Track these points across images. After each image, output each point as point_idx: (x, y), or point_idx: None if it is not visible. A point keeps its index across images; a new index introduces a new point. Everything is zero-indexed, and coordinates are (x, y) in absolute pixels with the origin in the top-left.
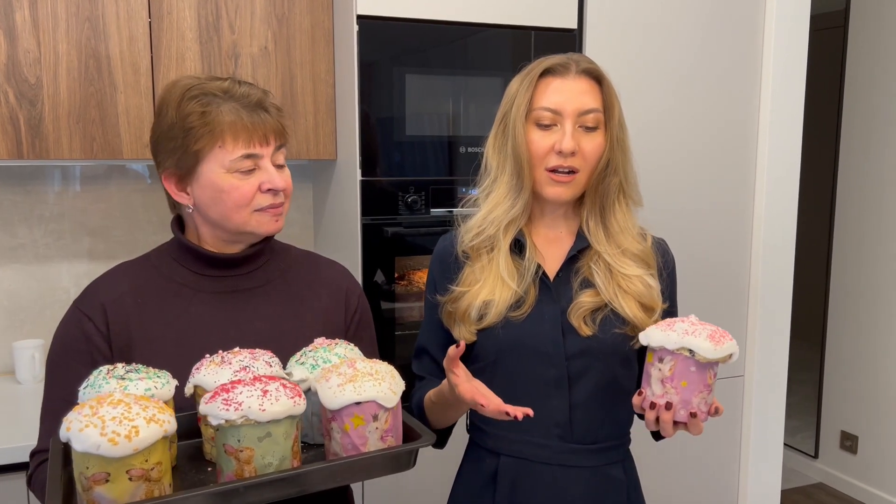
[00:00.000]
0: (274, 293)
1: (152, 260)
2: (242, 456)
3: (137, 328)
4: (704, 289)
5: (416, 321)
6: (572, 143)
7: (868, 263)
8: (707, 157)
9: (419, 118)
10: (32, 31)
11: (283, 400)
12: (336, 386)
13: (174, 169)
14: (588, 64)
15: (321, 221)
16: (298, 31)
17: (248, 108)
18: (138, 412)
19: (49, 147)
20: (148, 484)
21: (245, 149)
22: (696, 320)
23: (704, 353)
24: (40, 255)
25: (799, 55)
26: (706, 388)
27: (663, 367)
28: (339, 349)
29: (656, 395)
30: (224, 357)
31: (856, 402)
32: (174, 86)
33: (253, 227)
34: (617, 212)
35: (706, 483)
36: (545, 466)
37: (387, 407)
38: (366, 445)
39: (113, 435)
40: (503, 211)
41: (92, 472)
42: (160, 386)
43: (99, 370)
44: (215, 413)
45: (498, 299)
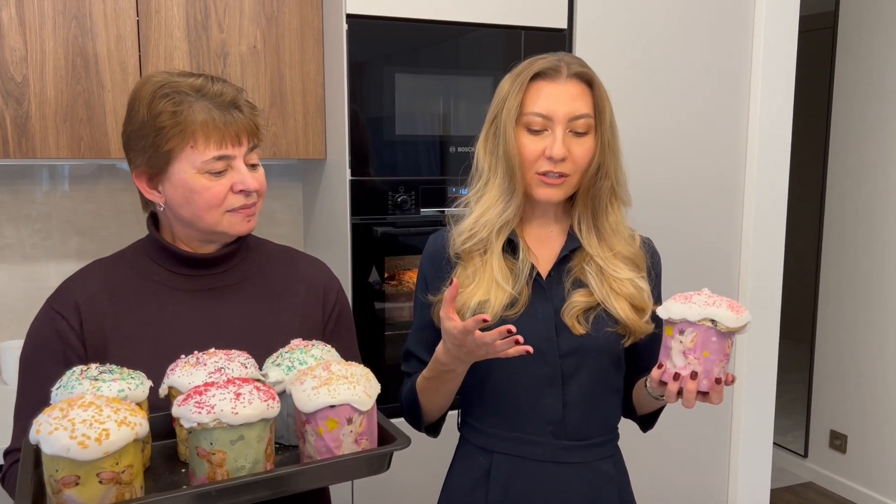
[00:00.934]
0: (251, 290)
1: (128, 257)
2: (215, 459)
3: (112, 327)
4: (694, 288)
5: (407, 321)
6: (562, 150)
7: (857, 263)
8: (696, 157)
9: (409, 118)
10: (19, 29)
11: (257, 403)
12: (310, 389)
13: (145, 167)
14: (579, 67)
15: (311, 221)
16: (288, 30)
17: (220, 107)
18: (109, 415)
19: (36, 146)
20: (119, 487)
21: (217, 150)
22: (708, 292)
23: (727, 322)
24: (27, 255)
25: (788, 56)
26: (725, 357)
27: (685, 339)
28: (316, 350)
29: (679, 367)
30: (199, 358)
31: (845, 401)
32: (146, 82)
33: (225, 227)
34: (609, 214)
35: (696, 481)
36: (539, 463)
37: (361, 410)
38: (340, 448)
39: (83, 438)
40: (496, 214)
41: (62, 475)
42: (134, 387)
43: (72, 371)
44: (188, 416)
45: (493, 301)
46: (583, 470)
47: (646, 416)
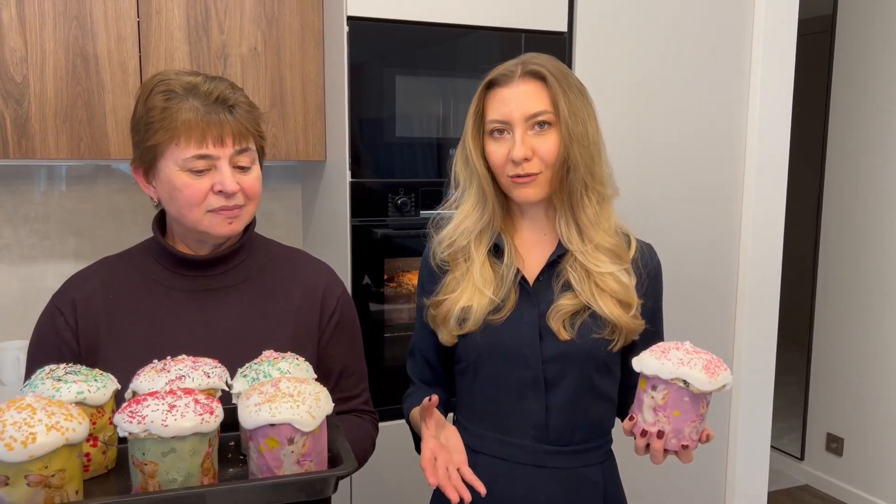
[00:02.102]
0: (248, 292)
1: (132, 256)
2: (147, 469)
3: (105, 324)
4: (692, 292)
5: (406, 323)
6: (523, 151)
7: (854, 267)
8: (695, 160)
9: (409, 120)
10: (19, 30)
11: (190, 416)
12: (253, 405)
13: (139, 161)
14: (533, 65)
15: (310, 222)
16: (288, 31)
17: (207, 106)
18: (41, 419)
19: (35, 146)
20: (48, 490)
21: (197, 149)
22: (692, 348)
23: (699, 384)
24: (25, 256)
25: (787, 59)
26: (699, 417)
27: (656, 396)
28: (284, 364)
29: (648, 423)
30: (166, 364)
31: (842, 404)
32: (151, 78)
33: (205, 227)
34: (586, 207)
35: (693, 485)
36: (520, 466)
37: (304, 431)
38: (280, 468)
39: (10, 440)
40: (472, 222)
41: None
42: (94, 390)
43: (42, 370)
44: (121, 424)
45: (476, 307)
46: (565, 475)
47: None
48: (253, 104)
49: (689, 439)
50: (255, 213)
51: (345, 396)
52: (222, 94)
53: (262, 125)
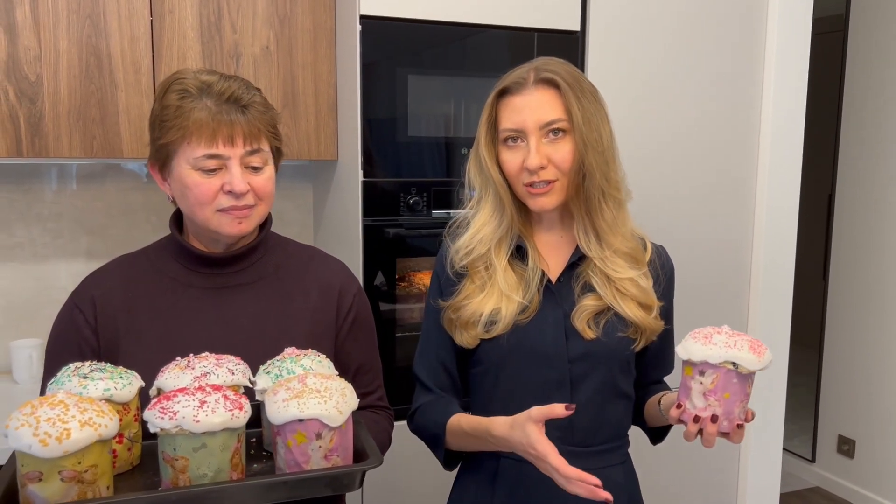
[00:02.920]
0: (264, 290)
1: (149, 254)
2: (178, 465)
3: (125, 321)
4: (705, 292)
5: (417, 323)
6: (538, 159)
7: (866, 268)
8: (708, 160)
9: (421, 119)
10: (33, 29)
11: (220, 412)
12: (281, 401)
13: (154, 158)
14: (546, 72)
15: (321, 222)
16: (300, 31)
17: (219, 105)
18: (74, 415)
19: (49, 145)
20: (81, 486)
21: (207, 148)
22: (731, 331)
23: (749, 364)
24: (38, 254)
25: (800, 59)
26: (746, 397)
27: (705, 381)
28: (306, 360)
29: (699, 409)
30: (189, 362)
31: (853, 406)
32: (169, 77)
33: (215, 226)
34: (604, 212)
35: (705, 486)
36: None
37: (331, 426)
38: (308, 463)
39: (44, 436)
40: (491, 230)
41: (26, 470)
42: (120, 387)
43: (67, 367)
44: (152, 421)
45: (505, 312)
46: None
47: (656, 429)
48: (268, 104)
49: (739, 419)
50: (266, 213)
51: (361, 393)
52: (235, 94)
53: (279, 125)
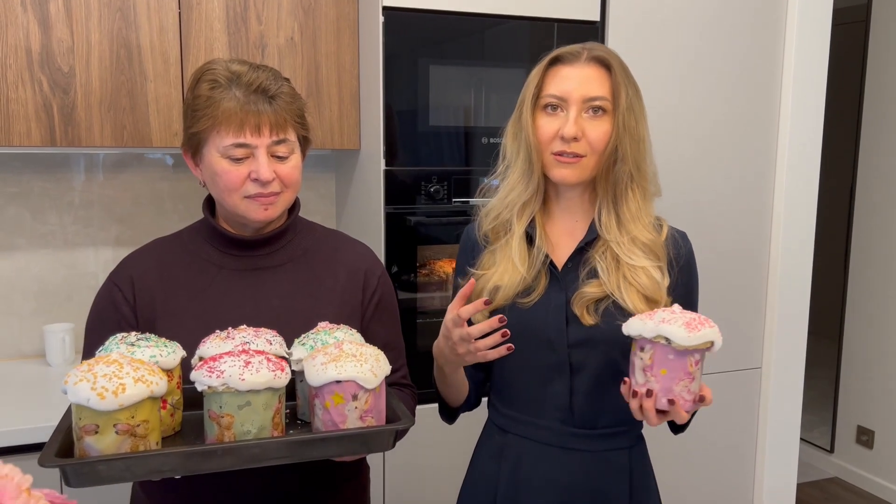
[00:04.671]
0: (293, 272)
1: (184, 237)
2: (223, 422)
3: (161, 300)
4: (724, 284)
5: (438, 310)
6: (574, 129)
7: (886, 260)
8: (727, 150)
9: (442, 109)
10: (66, 21)
11: (264, 372)
12: (320, 364)
13: (187, 145)
14: (600, 52)
15: (343, 210)
16: (324, 22)
17: (248, 96)
18: (129, 372)
19: (81, 135)
20: (134, 439)
21: (235, 137)
22: (679, 309)
23: (679, 340)
24: (69, 242)
25: (821, 49)
26: (687, 375)
27: (644, 356)
28: (339, 333)
29: (639, 384)
30: (230, 333)
31: (872, 397)
32: (201, 67)
33: (242, 211)
34: (630, 200)
35: (722, 475)
36: (547, 447)
37: (367, 388)
38: (345, 423)
39: (102, 390)
40: (517, 194)
41: (83, 423)
42: (165, 354)
43: (114, 336)
44: (200, 379)
45: (507, 282)
46: (592, 458)
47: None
48: (295, 94)
49: (678, 397)
50: (292, 200)
51: None
52: (263, 84)
53: (306, 114)
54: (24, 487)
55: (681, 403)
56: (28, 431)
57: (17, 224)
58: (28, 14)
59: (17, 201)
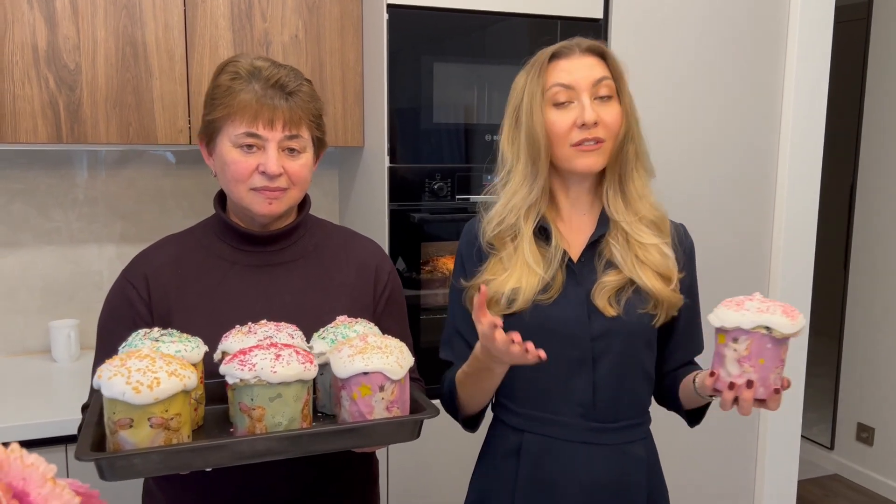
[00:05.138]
0: (305, 268)
1: (196, 233)
2: (255, 414)
3: (176, 297)
4: (726, 283)
5: (441, 306)
6: (594, 114)
7: (887, 259)
8: (729, 148)
9: (446, 106)
10: (72, 18)
11: (294, 364)
12: (346, 356)
13: (203, 134)
14: (590, 43)
15: (347, 207)
16: (328, 19)
17: (265, 90)
18: (161, 366)
19: (87, 131)
20: (167, 432)
21: (248, 127)
22: (762, 297)
23: (782, 328)
24: (74, 238)
25: (823, 47)
26: (781, 363)
27: (739, 347)
28: (359, 327)
29: (733, 376)
30: (251, 328)
31: (872, 394)
32: (226, 60)
33: (247, 203)
34: (635, 179)
35: (724, 471)
36: (568, 444)
37: (393, 379)
38: (372, 414)
39: (137, 384)
40: (521, 198)
41: (118, 417)
42: (189, 349)
43: (136, 332)
44: (231, 372)
45: (525, 286)
46: (612, 452)
47: (692, 411)
48: (315, 95)
49: (775, 385)
50: (299, 198)
51: None
52: (282, 81)
53: (323, 116)
54: (49, 476)
55: (781, 392)
56: (35, 426)
57: (22, 220)
58: (34, 11)
59: (23, 198)
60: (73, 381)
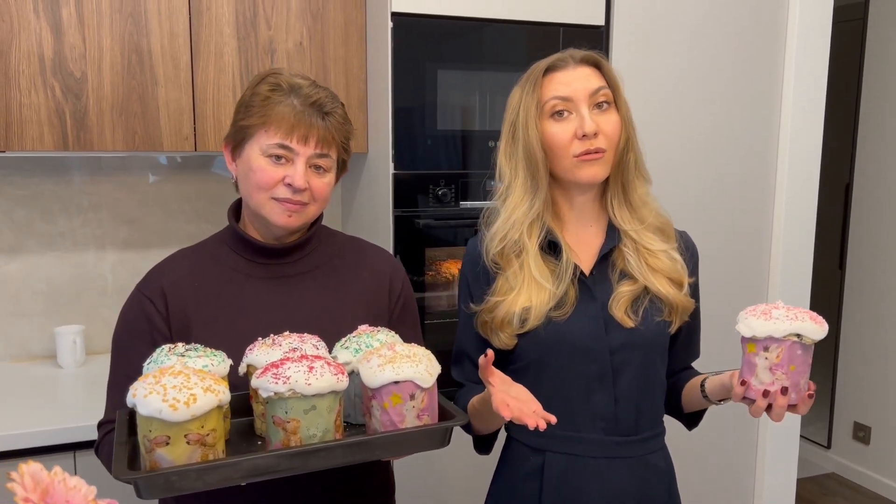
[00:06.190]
0: (320, 278)
1: (208, 247)
2: (289, 427)
3: (194, 311)
4: (724, 284)
5: (444, 310)
6: (593, 125)
7: (883, 258)
8: (729, 151)
9: (450, 113)
10: (78, 27)
11: (328, 376)
12: (377, 366)
13: (231, 138)
14: (584, 53)
15: (349, 213)
16: (332, 27)
17: (304, 107)
18: (196, 382)
19: (93, 139)
20: (203, 448)
21: (282, 139)
22: (783, 304)
23: (813, 335)
24: (79, 244)
25: (821, 50)
26: (809, 368)
27: (770, 355)
28: (381, 335)
29: (766, 384)
30: (275, 340)
31: (869, 393)
32: (267, 70)
33: (266, 212)
34: (637, 187)
35: (723, 472)
36: (592, 460)
37: (423, 387)
38: (403, 422)
39: (173, 401)
40: (522, 213)
41: (154, 435)
42: (216, 364)
43: (161, 348)
44: (265, 386)
45: (536, 303)
46: (635, 464)
47: (691, 414)
48: (347, 119)
49: (806, 390)
50: (317, 214)
51: None
52: (320, 101)
53: (351, 141)
54: (91, 498)
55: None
56: (43, 434)
57: (26, 226)
58: (41, 20)
59: (27, 204)
60: (78, 386)
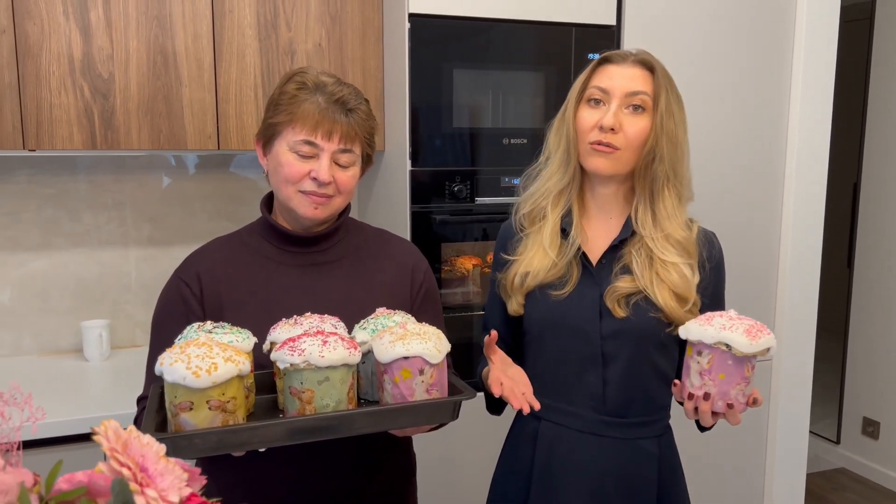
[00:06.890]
0: (347, 267)
1: (242, 236)
2: (304, 397)
3: (227, 294)
4: (735, 280)
5: (460, 304)
6: (612, 120)
7: (890, 254)
8: (738, 150)
9: (465, 111)
10: (106, 30)
11: (340, 350)
12: (388, 342)
13: (261, 135)
14: (646, 56)
15: (366, 209)
16: (350, 28)
17: (329, 104)
18: (218, 353)
19: (120, 138)
20: (224, 414)
21: (307, 135)
22: (735, 315)
23: (740, 347)
24: (104, 241)
25: (828, 50)
26: (744, 380)
27: (701, 360)
28: (397, 317)
29: (694, 387)
30: (297, 320)
31: (878, 388)
32: (295, 69)
33: (294, 205)
34: (665, 199)
35: (734, 467)
36: (579, 434)
37: (432, 363)
38: (413, 396)
39: (196, 368)
40: (554, 183)
41: (179, 401)
42: (241, 340)
43: (191, 325)
44: (282, 358)
45: (536, 266)
46: (622, 445)
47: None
48: (371, 115)
49: (734, 400)
50: (343, 206)
51: None
52: (344, 98)
53: (375, 136)
54: (161, 454)
55: (737, 407)
56: (69, 423)
57: (54, 224)
58: (70, 23)
59: (54, 202)
60: (104, 378)
